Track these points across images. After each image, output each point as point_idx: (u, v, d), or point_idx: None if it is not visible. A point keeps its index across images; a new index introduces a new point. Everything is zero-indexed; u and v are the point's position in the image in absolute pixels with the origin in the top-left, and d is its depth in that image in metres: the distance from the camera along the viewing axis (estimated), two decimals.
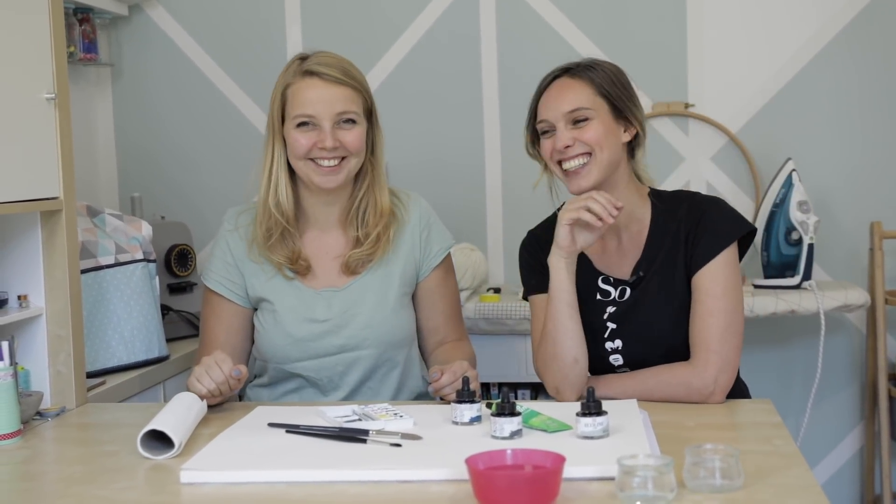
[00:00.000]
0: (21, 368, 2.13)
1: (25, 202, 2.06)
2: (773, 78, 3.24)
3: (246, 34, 3.46)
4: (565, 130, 2.05)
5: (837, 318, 3.26)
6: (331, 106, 2.12)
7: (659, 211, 2.11)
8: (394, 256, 2.23)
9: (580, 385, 2.04)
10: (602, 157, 2.04)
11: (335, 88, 2.12)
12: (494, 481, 1.42)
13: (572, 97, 2.06)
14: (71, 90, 3.26)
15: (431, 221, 2.30)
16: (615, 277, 2.12)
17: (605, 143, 2.04)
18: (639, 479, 1.41)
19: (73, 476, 1.69)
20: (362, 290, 2.20)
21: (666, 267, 2.06)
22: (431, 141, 3.40)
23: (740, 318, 2.03)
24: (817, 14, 3.21)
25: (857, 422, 3.30)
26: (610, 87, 2.07)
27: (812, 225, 3.00)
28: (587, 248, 2.05)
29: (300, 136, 2.12)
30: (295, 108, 2.13)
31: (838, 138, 3.23)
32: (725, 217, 2.07)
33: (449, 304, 2.31)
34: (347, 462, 1.63)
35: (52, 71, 2.13)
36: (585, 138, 2.04)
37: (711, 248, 2.03)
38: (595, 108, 2.05)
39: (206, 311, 2.27)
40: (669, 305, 2.05)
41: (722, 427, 1.84)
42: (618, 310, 2.09)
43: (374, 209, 2.21)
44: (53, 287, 2.16)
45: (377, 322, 2.19)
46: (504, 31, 3.35)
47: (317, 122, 2.12)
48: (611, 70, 2.10)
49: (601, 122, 2.05)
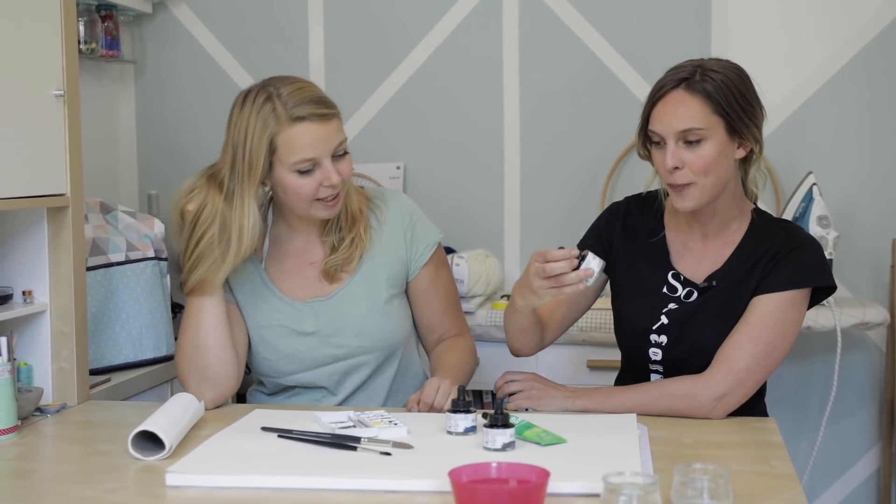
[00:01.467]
0: (23, 364, 2.13)
1: (32, 198, 2.06)
2: (795, 91, 3.19)
3: (269, 33, 3.46)
4: (676, 148, 1.96)
5: (857, 336, 3.21)
6: (328, 143, 2.04)
7: (755, 231, 2.07)
8: (378, 259, 2.19)
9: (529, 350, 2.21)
10: (707, 182, 1.97)
11: (325, 125, 2.04)
12: (477, 495, 1.40)
13: (687, 115, 1.95)
14: (93, 86, 3.30)
15: (415, 219, 2.24)
16: (686, 277, 2.09)
17: (715, 167, 1.96)
18: (624, 497, 1.38)
19: (63, 475, 1.69)
20: (349, 296, 2.17)
21: (738, 284, 2.02)
22: (449, 146, 3.39)
23: (777, 359, 1.99)
24: (841, 29, 3.16)
25: (874, 442, 3.24)
26: (728, 102, 1.95)
27: (832, 240, 2.96)
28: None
29: (302, 181, 2.04)
30: (293, 154, 2.03)
31: (860, 153, 3.19)
32: (814, 261, 2.01)
33: (443, 299, 2.28)
34: (335, 470, 1.62)
35: (62, 67, 2.13)
36: (695, 165, 1.95)
37: (787, 280, 1.98)
38: (709, 127, 1.95)
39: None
40: (728, 322, 2.01)
41: (720, 445, 1.81)
42: (678, 309, 2.07)
43: (346, 215, 2.17)
44: (58, 283, 2.16)
45: (368, 327, 2.17)
46: (526, 38, 3.33)
47: (317, 162, 2.05)
48: (730, 79, 1.97)
49: (715, 142, 1.95)
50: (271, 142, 2.02)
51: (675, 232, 2.14)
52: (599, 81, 3.29)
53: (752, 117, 1.99)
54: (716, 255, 2.08)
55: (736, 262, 2.05)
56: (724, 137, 1.96)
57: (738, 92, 1.97)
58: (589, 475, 1.54)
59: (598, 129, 3.29)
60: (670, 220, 2.15)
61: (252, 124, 2.03)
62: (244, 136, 2.03)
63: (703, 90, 1.95)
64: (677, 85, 1.97)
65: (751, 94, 2.00)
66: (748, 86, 2.00)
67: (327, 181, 2.04)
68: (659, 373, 2.10)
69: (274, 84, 2.06)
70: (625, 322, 2.15)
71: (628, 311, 2.14)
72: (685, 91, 1.96)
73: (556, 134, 3.34)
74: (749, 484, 1.56)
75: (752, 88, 2.01)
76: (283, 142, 2.02)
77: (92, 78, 3.31)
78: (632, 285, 2.14)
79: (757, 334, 1.96)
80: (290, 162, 2.03)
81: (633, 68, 3.24)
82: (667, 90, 1.98)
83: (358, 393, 2.20)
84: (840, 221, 3.14)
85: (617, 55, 3.26)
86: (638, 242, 2.15)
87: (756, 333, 1.96)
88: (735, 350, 1.96)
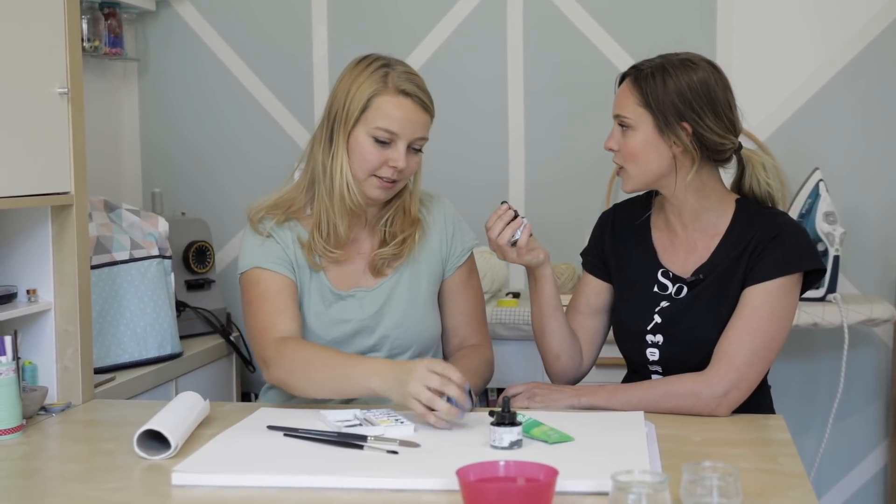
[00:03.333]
0: (28, 363, 2.13)
1: (36, 196, 2.05)
2: (802, 87, 3.18)
3: (272, 32, 3.45)
4: (616, 131, 2.08)
5: (864, 333, 3.20)
6: (414, 130, 2.10)
7: (738, 221, 2.07)
8: (421, 257, 2.23)
9: (565, 377, 2.19)
10: (636, 170, 2.04)
11: (422, 114, 2.12)
12: (484, 494, 1.39)
13: (621, 102, 2.06)
14: (96, 84, 3.29)
15: (456, 222, 2.31)
16: (675, 273, 2.10)
17: (641, 157, 2.03)
18: (633, 496, 1.37)
19: (68, 474, 1.69)
20: (393, 290, 2.20)
21: (726, 275, 2.03)
22: (453, 142, 3.38)
23: (776, 349, 1.99)
24: (848, 24, 3.15)
25: (881, 439, 3.23)
26: (660, 101, 1.99)
27: (838, 237, 2.95)
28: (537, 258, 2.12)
29: (373, 150, 2.09)
30: (380, 119, 2.08)
31: (867, 149, 3.17)
32: (800, 245, 2.01)
33: (471, 305, 2.30)
34: (341, 468, 1.61)
35: (66, 65, 2.13)
36: (624, 151, 2.06)
37: (775, 268, 1.98)
38: (636, 118, 2.03)
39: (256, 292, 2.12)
40: (719, 313, 2.02)
41: (729, 443, 1.80)
42: (670, 306, 2.08)
43: (404, 215, 2.22)
44: (62, 282, 2.15)
45: (408, 321, 2.19)
46: (530, 35, 3.32)
47: (395, 139, 2.09)
48: (683, 82, 2.00)
49: (641, 133, 2.02)
50: (369, 99, 2.10)
51: (661, 230, 2.16)
52: (603, 76, 3.26)
53: (689, 119, 1.99)
54: (702, 249, 2.09)
55: (722, 254, 2.06)
56: (651, 132, 2.02)
57: (677, 92, 1.99)
58: (597, 473, 1.53)
59: (602, 124, 3.23)
60: (657, 220, 2.17)
61: (361, 80, 2.11)
62: (348, 88, 2.12)
63: (639, 85, 2.03)
64: (629, 74, 2.07)
65: (698, 98, 2.00)
66: (699, 91, 2.00)
67: (393, 161, 2.09)
68: (658, 373, 2.10)
69: (390, 60, 2.15)
70: (621, 325, 2.17)
71: (623, 315, 2.16)
72: (630, 81, 2.06)
73: (560, 129, 3.33)
74: (758, 482, 1.55)
75: (704, 94, 2.00)
76: (379, 104, 2.09)
77: (95, 76, 3.31)
78: (625, 289, 2.16)
79: (753, 327, 1.96)
80: (374, 125, 2.09)
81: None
82: (624, 76, 2.10)
83: None
84: (846, 217, 3.13)
85: (620, 50, 3.25)
86: (628, 246, 2.18)
87: (752, 326, 1.96)
88: (734, 345, 1.96)
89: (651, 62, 2.05)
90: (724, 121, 2.03)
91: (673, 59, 2.04)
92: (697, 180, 2.05)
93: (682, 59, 2.04)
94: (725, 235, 2.07)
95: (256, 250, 2.15)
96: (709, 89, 2.01)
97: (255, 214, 2.19)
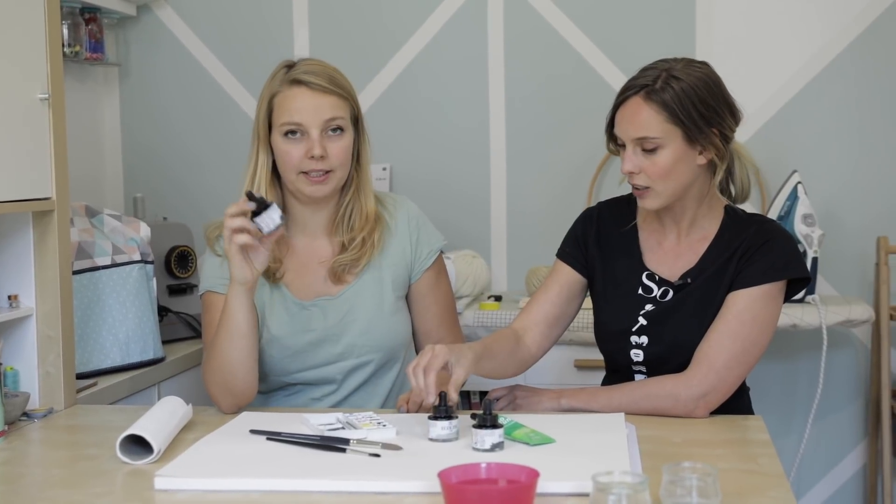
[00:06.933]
0: (9, 369, 2.12)
1: (17, 202, 2.06)
2: (780, 90, 3.21)
3: (254, 36, 3.46)
4: (633, 155, 1.98)
5: (843, 334, 3.22)
6: (318, 114, 2.11)
7: (727, 227, 2.07)
8: (385, 261, 2.22)
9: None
10: (666, 187, 1.99)
11: (322, 97, 2.12)
12: (466, 495, 1.40)
13: (642, 124, 1.96)
14: (77, 89, 3.29)
15: (420, 223, 2.28)
16: (661, 276, 2.09)
17: (673, 173, 1.97)
18: (613, 496, 1.38)
19: (50, 479, 1.69)
20: (357, 296, 2.19)
21: (713, 280, 2.03)
22: (436, 147, 3.39)
23: (757, 354, 2.00)
24: (825, 28, 3.18)
25: (860, 439, 3.26)
26: (685, 111, 1.94)
27: (817, 238, 2.97)
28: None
29: (289, 147, 2.11)
30: (282, 115, 2.11)
31: (845, 152, 3.20)
32: (787, 253, 2.01)
33: (442, 306, 2.30)
34: (324, 472, 1.62)
35: (47, 71, 2.13)
36: (652, 172, 1.97)
37: (761, 275, 1.98)
38: (665, 135, 1.95)
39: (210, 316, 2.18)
40: (706, 318, 2.02)
41: (709, 444, 1.82)
42: (655, 309, 2.07)
43: (360, 214, 2.20)
44: (44, 288, 2.15)
45: (375, 328, 2.18)
46: (511, 38, 3.33)
47: (304, 129, 2.11)
48: (693, 86, 1.95)
49: (671, 150, 1.96)
50: (270, 101, 2.14)
51: (649, 232, 2.14)
52: (584, 82, 3.30)
53: (716, 124, 1.98)
54: (690, 253, 2.09)
55: (710, 259, 2.06)
56: (681, 145, 1.97)
57: (698, 100, 1.96)
58: (578, 475, 1.54)
59: (583, 129, 3.29)
60: (643, 221, 2.15)
61: (264, 87, 2.17)
62: (259, 99, 2.17)
63: (660, 100, 1.95)
64: (638, 91, 1.98)
65: (716, 100, 1.98)
66: (714, 92, 1.98)
67: (310, 151, 2.09)
68: (642, 373, 2.10)
69: (297, 62, 2.18)
70: (603, 326, 2.16)
71: (605, 316, 2.14)
72: (643, 99, 1.96)
73: (541, 135, 3.34)
74: (737, 482, 1.57)
75: (718, 94, 1.99)
76: (279, 102, 2.13)
77: (76, 81, 3.30)
78: (608, 289, 2.14)
79: (735, 330, 1.97)
80: (280, 122, 2.12)
81: (617, 68, 3.25)
82: (628, 96, 1.99)
83: (359, 391, 2.21)
84: (825, 220, 3.16)
85: (602, 55, 3.28)
86: (612, 246, 2.16)
87: (734, 330, 1.97)
88: (714, 348, 1.97)
89: (652, 74, 1.98)
90: (736, 115, 2.03)
91: (674, 66, 1.98)
92: (704, 186, 2.06)
93: (680, 64, 1.99)
94: (715, 240, 2.07)
95: (213, 272, 2.18)
96: (718, 86, 2.00)
97: (210, 233, 2.23)
